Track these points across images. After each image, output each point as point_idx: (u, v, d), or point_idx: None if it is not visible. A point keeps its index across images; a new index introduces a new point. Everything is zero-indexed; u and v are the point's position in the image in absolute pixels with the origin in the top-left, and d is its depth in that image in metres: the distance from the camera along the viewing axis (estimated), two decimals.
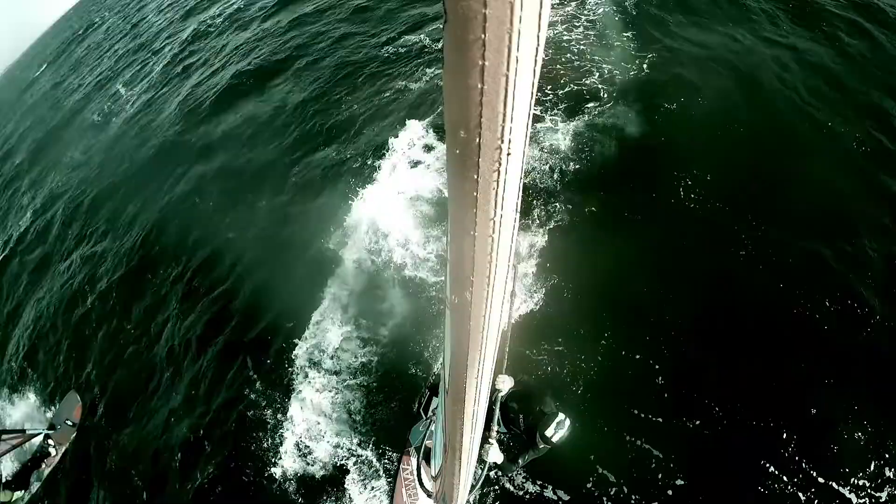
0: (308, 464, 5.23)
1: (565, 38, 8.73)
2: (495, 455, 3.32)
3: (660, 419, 5.16)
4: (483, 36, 0.52)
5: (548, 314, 5.88)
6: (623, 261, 5.99)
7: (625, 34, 8.53)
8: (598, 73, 7.82)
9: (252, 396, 6.13)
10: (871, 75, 6.83)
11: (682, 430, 5.04)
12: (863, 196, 5.96)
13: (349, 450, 5.15)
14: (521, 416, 3.63)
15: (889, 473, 4.60)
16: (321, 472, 5.13)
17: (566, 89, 7.74)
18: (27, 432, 8.51)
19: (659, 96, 7.38)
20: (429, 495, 3.62)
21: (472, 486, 3.30)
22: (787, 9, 8.06)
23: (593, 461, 5.00)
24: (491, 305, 0.87)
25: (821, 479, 4.69)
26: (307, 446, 5.36)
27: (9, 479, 7.92)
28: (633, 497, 4.85)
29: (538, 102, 7.57)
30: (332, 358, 6.12)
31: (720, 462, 4.93)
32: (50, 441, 8.65)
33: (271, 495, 5.11)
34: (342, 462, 5.08)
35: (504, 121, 0.60)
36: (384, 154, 8.46)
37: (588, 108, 7.41)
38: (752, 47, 7.95)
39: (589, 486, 4.88)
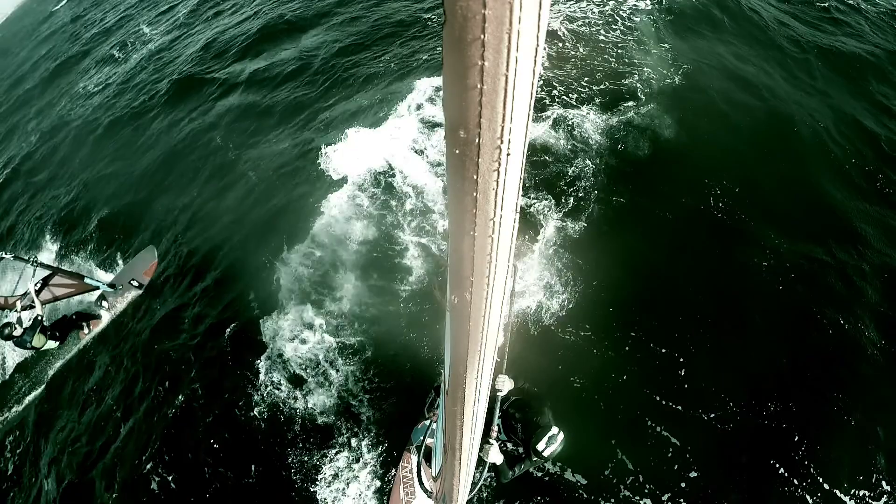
0: (308, 455, 5.16)
1: (603, 37, 8.90)
2: (495, 455, 3.32)
3: (661, 425, 5.15)
4: (482, 36, 0.52)
5: (553, 316, 5.84)
6: (636, 263, 6.00)
7: (661, 44, 8.76)
8: (635, 76, 7.98)
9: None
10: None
11: (686, 436, 5.08)
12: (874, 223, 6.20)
13: (348, 444, 5.10)
14: (519, 425, 3.63)
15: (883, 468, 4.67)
16: (319, 464, 5.06)
17: (602, 86, 7.86)
18: (85, 280, 7.75)
19: (690, 109, 7.51)
20: (428, 494, 3.62)
21: (473, 487, 3.30)
22: (819, 57, 8.36)
23: (594, 463, 5.00)
24: (491, 305, 0.87)
25: (824, 487, 4.70)
26: (308, 437, 5.28)
27: (48, 324, 7.42)
28: (633, 498, 4.90)
29: (575, 92, 7.68)
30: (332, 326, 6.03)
31: (723, 468, 4.94)
32: (104, 303, 8.03)
33: (263, 484, 5.05)
34: (341, 456, 5.04)
35: (504, 121, 0.60)
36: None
37: (623, 106, 7.52)
38: (782, 82, 8.30)
39: (589, 488, 4.89)
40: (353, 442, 5.14)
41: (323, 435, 5.24)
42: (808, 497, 4.64)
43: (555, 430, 3.36)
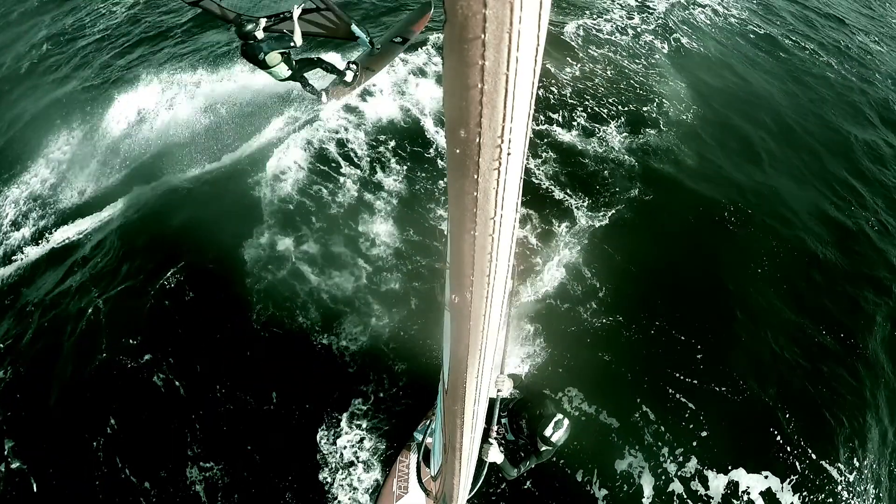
0: (308, 442, 5.07)
1: (628, 65, 9.53)
2: (495, 455, 3.32)
3: (666, 417, 5.24)
4: (483, 35, 0.52)
5: (568, 304, 5.87)
6: (649, 260, 6.32)
7: (680, 81, 9.42)
8: (655, 105, 8.55)
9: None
10: None
11: (691, 431, 5.18)
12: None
13: (346, 432, 5.03)
14: (524, 421, 3.61)
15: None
16: (317, 449, 4.96)
17: (626, 108, 8.38)
18: (351, 26, 6.61)
19: (704, 146, 8.08)
20: (425, 492, 3.63)
21: (473, 486, 3.30)
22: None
23: (595, 464, 5.03)
24: (491, 305, 0.87)
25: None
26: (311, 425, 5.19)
27: (295, 56, 6.44)
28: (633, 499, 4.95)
29: (604, 108, 8.20)
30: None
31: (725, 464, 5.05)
32: (353, 65, 7.05)
33: (258, 461, 4.95)
34: (338, 443, 4.98)
35: (504, 120, 0.60)
36: None
37: (645, 130, 8.05)
38: (792, 115, 9.22)
39: (589, 487, 4.90)
40: (354, 423, 5.04)
41: (322, 415, 5.13)
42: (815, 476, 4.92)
43: (559, 416, 3.34)
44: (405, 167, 7.06)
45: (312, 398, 5.20)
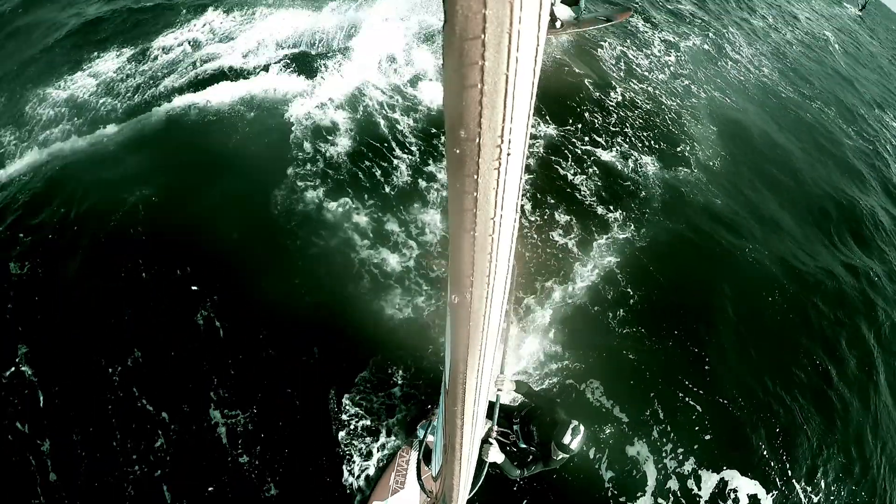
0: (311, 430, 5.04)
1: (663, 102, 10.07)
2: (495, 455, 3.32)
3: (674, 424, 5.46)
4: (483, 35, 0.52)
5: (586, 310, 6.09)
6: (666, 278, 6.72)
7: (711, 126, 10.03)
8: (687, 144, 9.09)
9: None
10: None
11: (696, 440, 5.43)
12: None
13: (348, 422, 5.00)
14: (535, 430, 3.55)
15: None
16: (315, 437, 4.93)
17: (661, 142, 8.87)
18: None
19: (728, 190, 8.67)
20: (425, 491, 3.62)
21: (473, 486, 3.30)
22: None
23: (603, 453, 5.17)
24: (491, 305, 0.87)
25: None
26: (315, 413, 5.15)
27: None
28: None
29: (640, 136, 8.72)
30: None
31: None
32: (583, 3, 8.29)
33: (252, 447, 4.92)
34: (340, 432, 4.95)
35: (504, 121, 0.60)
36: None
37: (676, 167, 8.55)
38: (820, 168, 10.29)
39: (596, 474, 5.01)
40: (357, 413, 5.01)
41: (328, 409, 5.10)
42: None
43: (575, 422, 3.27)
44: None
45: (336, 368, 5.19)
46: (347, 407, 4.96)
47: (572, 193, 7.23)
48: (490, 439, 3.38)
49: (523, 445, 3.62)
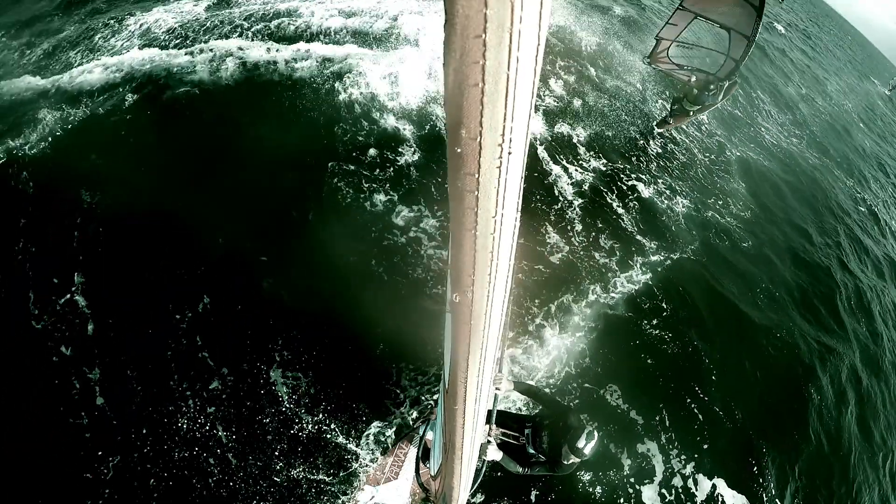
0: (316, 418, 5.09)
1: (698, 155, 10.86)
2: (493, 453, 3.32)
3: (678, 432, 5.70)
4: (483, 35, 0.52)
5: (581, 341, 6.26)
6: (693, 307, 7.17)
7: (741, 182, 10.77)
8: (718, 196, 9.85)
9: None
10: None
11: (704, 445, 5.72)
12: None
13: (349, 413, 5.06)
14: (546, 435, 3.51)
15: None
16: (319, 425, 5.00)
17: (695, 191, 9.60)
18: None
19: (752, 241, 9.17)
20: (422, 487, 3.63)
21: (472, 486, 3.30)
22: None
23: (617, 451, 5.36)
24: (492, 305, 0.87)
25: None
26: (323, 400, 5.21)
27: None
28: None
29: (678, 183, 9.39)
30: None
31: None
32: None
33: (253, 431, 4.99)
34: (342, 422, 5.01)
35: (505, 120, 0.60)
36: None
37: (708, 213, 9.21)
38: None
39: (605, 469, 5.14)
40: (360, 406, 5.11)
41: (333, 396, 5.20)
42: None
43: (589, 428, 3.25)
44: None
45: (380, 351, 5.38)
46: (351, 398, 5.06)
47: (616, 220, 7.92)
48: (489, 438, 3.38)
49: (531, 451, 3.60)
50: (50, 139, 6.32)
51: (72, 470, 4.18)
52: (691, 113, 9.50)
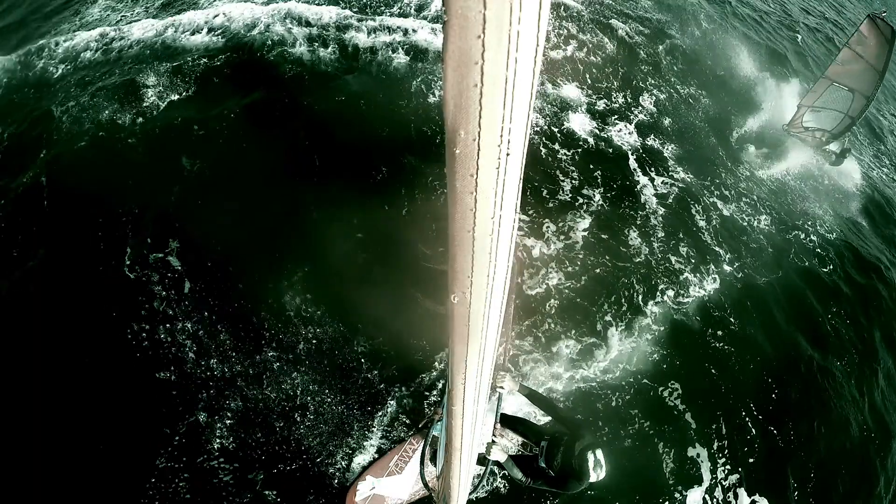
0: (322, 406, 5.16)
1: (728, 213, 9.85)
2: (498, 454, 3.32)
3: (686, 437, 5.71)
4: (482, 35, 0.52)
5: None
6: (760, 323, 7.22)
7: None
8: (799, 219, 9.65)
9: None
10: None
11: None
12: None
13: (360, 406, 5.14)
14: (560, 452, 3.46)
15: None
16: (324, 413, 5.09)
17: (776, 210, 9.49)
18: None
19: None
20: (427, 487, 3.63)
21: (474, 486, 3.30)
22: None
23: (657, 459, 5.45)
24: (490, 306, 0.87)
25: None
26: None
27: None
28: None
29: (759, 203, 9.31)
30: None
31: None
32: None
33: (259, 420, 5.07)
34: (355, 412, 5.09)
35: (504, 121, 0.60)
36: None
37: (789, 233, 9.09)
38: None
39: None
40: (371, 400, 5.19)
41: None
42: None
43: (593, 453, 3.18)
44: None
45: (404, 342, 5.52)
46: (360, 390, 5.19)
47: (697, 232, 8.07)
48: (493, 438, 3.38)
49: (542, 465, 3.57)
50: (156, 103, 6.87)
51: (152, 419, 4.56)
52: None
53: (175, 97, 7.10)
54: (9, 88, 7.36)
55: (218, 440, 4.68)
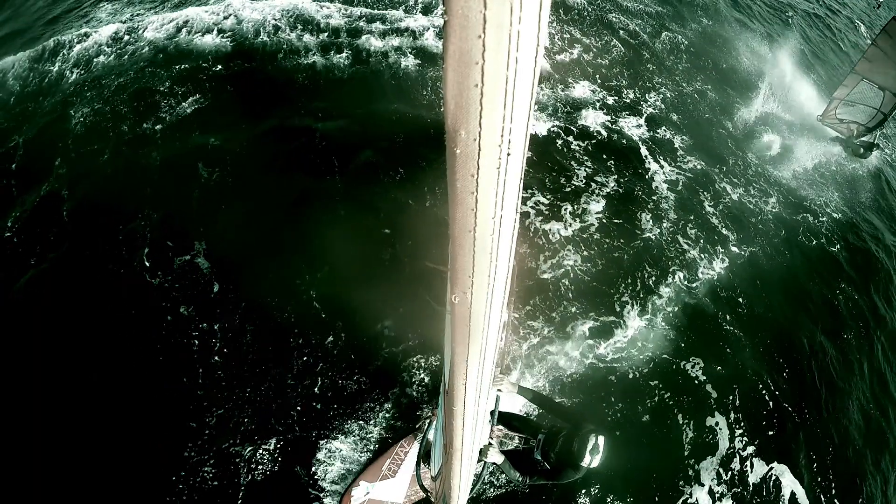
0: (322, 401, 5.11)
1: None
2: (494, 455, 3.31)
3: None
4: (483, 35, 0.52)
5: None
6: (770, 307, 7.30)
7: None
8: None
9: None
10: None
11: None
12: None
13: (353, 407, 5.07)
14: (560, 442, 3.46)
15: None
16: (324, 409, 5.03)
17: (784, 193, 9.61)
18: None
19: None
20: (423, 489, 3.62)
21: (473, 486, 3.29)
22: None
23: (678, 428, 5.55)
24: (491, 305, 0.87)
25: None
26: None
27: None
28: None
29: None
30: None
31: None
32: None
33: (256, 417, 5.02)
34: (345, 414, 5.02)
35: (504, 121, 0.60)
36: None
37: (797, 214, 9.14)
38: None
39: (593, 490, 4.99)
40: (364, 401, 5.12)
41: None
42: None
43: (593, 438, 3.19)
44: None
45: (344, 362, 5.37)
46: (351, 394, 5.11)
47: (705, 215, 8.22)
48: (490, 439, 3.37)
49: (538, 457, 3.57)
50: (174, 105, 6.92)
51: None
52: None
53: (189, 100, 7.09)
54: (23, 96, 7.33)
55: (206, 446, 4.62)
